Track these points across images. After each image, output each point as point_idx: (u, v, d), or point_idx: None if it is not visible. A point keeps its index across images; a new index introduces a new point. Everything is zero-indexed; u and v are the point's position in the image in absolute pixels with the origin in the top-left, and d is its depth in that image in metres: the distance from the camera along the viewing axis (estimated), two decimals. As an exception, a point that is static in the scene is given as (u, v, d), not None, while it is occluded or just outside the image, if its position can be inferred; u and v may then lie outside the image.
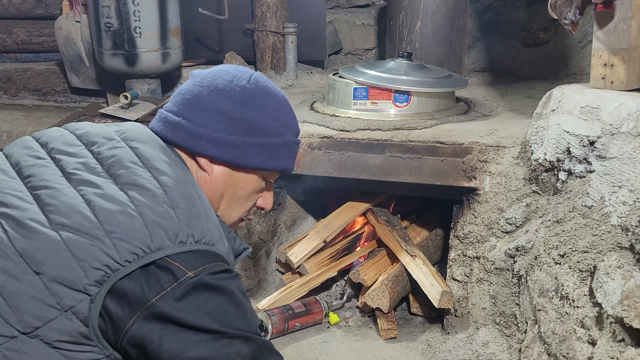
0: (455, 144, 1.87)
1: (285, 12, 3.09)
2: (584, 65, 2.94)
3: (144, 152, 1.03)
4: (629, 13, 1.48)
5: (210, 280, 0.94)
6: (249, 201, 1.19)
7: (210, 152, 1.10)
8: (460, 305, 1.84)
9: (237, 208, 1.18)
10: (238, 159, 1.12)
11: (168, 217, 0.94)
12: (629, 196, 1.35)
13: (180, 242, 0.94)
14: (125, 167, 0.99)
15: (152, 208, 0.94)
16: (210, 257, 0.97)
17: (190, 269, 0.93)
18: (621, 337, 1.30)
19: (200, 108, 1.10)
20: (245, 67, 1.19)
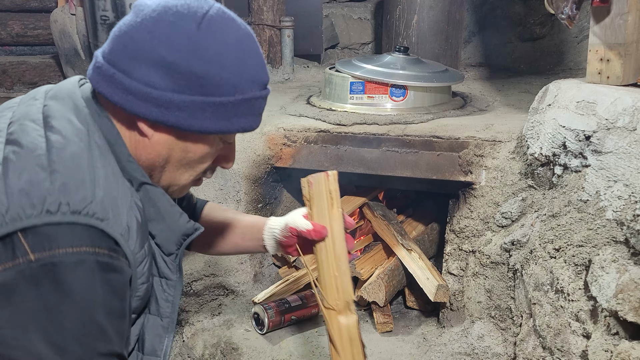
0: (452, 138, 1.87)
1: (282, 5, 3.08)
2: (580, 60, 2.95)
3: (51, 109, 0.89)
4: (625, 8, 1.48)
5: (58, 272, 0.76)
6: (203, 163, 0.99)
7: (149, 115, 0.89)
8: (455, 299, 1.85)
9: (187, 172, 0.98)
10: (185, 122, 0.90)
11: (38, 181, 0.78)
12: (624, 190, 1.35)
13: (47, 211, 0.77)
14: (21, 124, 0.86)
15: (20, 170, 0.79)
16: (90, 237, 0.79)
17: (37, 250, 0.76)
18: (615, 331, 1.30)
19: (139, 57, 0.87)
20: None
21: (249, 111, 0.96)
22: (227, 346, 1.83)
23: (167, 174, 0.97)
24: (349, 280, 1.15)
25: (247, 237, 1.28)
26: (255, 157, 2.09)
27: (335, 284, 1.13)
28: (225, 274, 2.06)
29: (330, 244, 1.14)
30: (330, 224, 1.13)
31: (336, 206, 1.13)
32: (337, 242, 1.14)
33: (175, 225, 0.95)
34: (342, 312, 1.14)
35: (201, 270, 2.00)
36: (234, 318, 1.95)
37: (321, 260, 1.15)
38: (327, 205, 1.13)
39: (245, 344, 1.83)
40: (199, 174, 1.00)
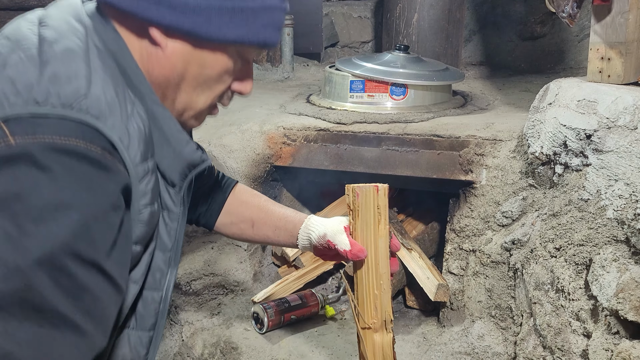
0: (452, 137, 1.86)
1: (282, 4, 3.07)
2: (581, 59, 2.94)
3: (48, 12, 0.83)
4: (626, 6, 1.48)
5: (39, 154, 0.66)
6: (220, 84, 0.91)
7: (163, 19, 0.80)
8: (456, 299, 1.85)
9: (204, 92, 0.90)
10: (203, 29, 0.82)
11: (25, 70, 0.71)
12: (625, 189, 1.35)
13: (33, 101, 0.68)
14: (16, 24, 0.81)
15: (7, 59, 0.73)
16: (82, 132, 0.69)
17: (19, 134, 0.66)
18: (616, 330, 1.30)
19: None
20: None
21: (269, 21, 0.89)
22: (227, 345, 1.83)
23: (183, 95, 0.89)
24: (389, 299, 1.10)
25: (280, 231, 1.20)
26: (255, 156, 2.09)
27: (374, 303, 1.09)
28: (225, 273, 2.05)
29: (373, 262, 1.08)
30: (375, 242, 1.08)
31: (384, 223, 1.08)
32: (381, 261, 1.09)
33: (181, 152, 0.87)
34: (378, 330, 1.11)
35: (200, 270, 2.00)
36: (234, 317, 1.94)
37: (361, 277, 1.10)
38: (373, 221, 1.07)
39: (244, 343, 1.83)
40: (216, 98, 0.92)
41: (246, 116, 2.22)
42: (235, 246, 2.07)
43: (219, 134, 2.13)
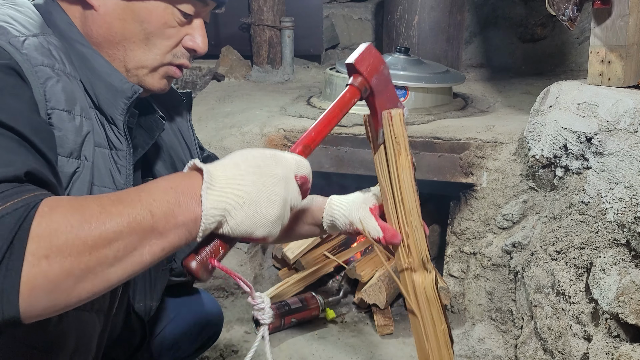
0: (453, 139, 1.86)
1: (282, 6, 3.07)
2: (581, 61, 2.94)
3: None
4: (626, 10, 1.48)
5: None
6: (166, 39, 0.94)
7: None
8: (456, 302, 1.85)
9: (150, 49, 0.93)
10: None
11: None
12: (625, 193, 1.35)
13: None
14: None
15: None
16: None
17: None
18: (616, 333, 1.30)
19: None
20: None
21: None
22: (227, 348, 1.83)
23: (129, 53, 0.93)
24: (422, 236, 1.00)
25: (301, 220, 1.18)
26: (256, 158, 2.08)
27: (407, 242, 0.99)
28: (225, 276, 2.06)
29: (398, 198, 0.98)
30: (397, 175, 0.97)
31: (404, 153, 0.97)
32: (406, 196, 0.98)
33: (111, 84, 0.90)
34: (416, 270, 1.00)
35: (201, 272, 2.00)
36: (234, 320, 1.94)
37: (388, 216, 1.01)
38: (393, 151, 0.97)
39: (245, 346, 1.83)
40: (167, 55, 0.95)
41: (247, 118, 2.22)
42: (235, 248, 2.08)
43: (219, 137, 2.13)
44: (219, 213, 0.70)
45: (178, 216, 0.67)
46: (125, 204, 0.65)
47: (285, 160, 0.77)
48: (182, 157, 1.11)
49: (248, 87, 2.86)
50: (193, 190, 0.69)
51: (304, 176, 0.79)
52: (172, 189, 0.69)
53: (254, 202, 0.72)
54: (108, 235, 0.63)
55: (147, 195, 0.67)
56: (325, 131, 0.90)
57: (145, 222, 0.65)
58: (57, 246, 0.60)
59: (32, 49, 0.81)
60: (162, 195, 0.68)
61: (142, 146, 1.01)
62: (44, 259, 0.59)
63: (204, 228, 0.69)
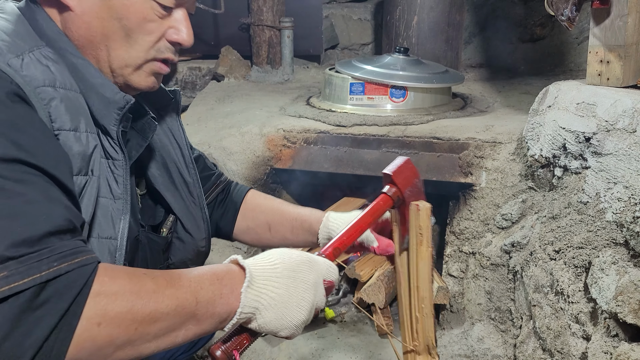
0: (452, 139, 1.87)
1: (282, 6, 3.08)
2: (580, 61, 2.95)
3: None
4: (625, 10, 1.48)
5: None
6: (147, 34, 0.91)
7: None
8: (455, 301, 1.85)
9: (132, 46, 0.91)
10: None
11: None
12: (624, 192, 1.35)
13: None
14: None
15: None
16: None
17: None
18: (615, 332, 1.30)
19: None
20: None
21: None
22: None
23: (112, 53, 0.91)
24: (431, 323, 1.05)
25: (298, 231, 1.21)
26: (255, 158, 2.09)
27: (416, 326, 1.06)
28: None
29: (414, 284, 1.04)
30: (417, 263, 1.03)
31: (426, 244, 1.03)
32: (422, 284, 1.04)
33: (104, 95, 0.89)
34: (421, 354, 1.06)
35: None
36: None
37: (401, 298, 1.07)
38: (415, 242, 1.03)
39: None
40: (151, 51, 0.93)
41: (246, 118, 2.23)
42: (235, 248, 2.08)
43: (219, 137, 2.13)
44: (252, 311, 0.77)
45: (217, 307, 0.74)
46: (177, 287, 0.72)
47: (317, 266, 0.85)
48: (173, 158, 1.11)
49: (248, 87, 2.87)
50: (234, 286, 0.76)
51: (331, 282, 0.87)
52: (218, 281, 0.76)
53: (285, 305, 0.79)
54: (157, 314, 0.69)
55: (197, 283, 0.74)
56: (356, 236, 0.99)
57: (189, 308, 0.72)
58: (111, 316, 0.66)
59: (32, 69, 0.81)
60: (209, 285, 0.75)
61: (135, 149, 1.01)
62: (96, 326, 0.65)
63: (235, 322, 0.77)
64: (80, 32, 0.89)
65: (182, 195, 1.08)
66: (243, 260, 0.79)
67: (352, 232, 0.98)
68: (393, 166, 1.04)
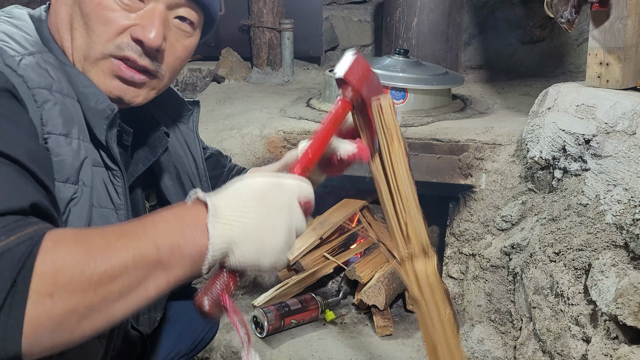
0: (452, 141, 1.87)
1: (282, 8, 3.08)
2: (580, 62, 2.95)
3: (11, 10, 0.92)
4: (624, 12, 1.48)
5: None
6: (103, 24, 0.85)
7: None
8: (455, 303, 1.85)
9: (89, 36, 0.85)
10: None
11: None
12: (624, 195, 1.35)
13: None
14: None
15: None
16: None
17: None
18: (615, 335, 1.30)
19: None
20: None
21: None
22: (227, 350, 1.83)
23: (74, 43, 0.86)
24: (420, 222, 0.98)
25: None
26: (255, 159, 2.09)
27: (406, 230, 0.98)
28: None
29: (394, 187, 0.96)
30: (391, 163, 0.95)
31: (396, 141, 0.95)
32: (402, 183, 0.96)
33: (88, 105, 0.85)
34: (417, 257, 0.98)
35: (201, 274, 2.00)
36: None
37: (383, 204, 0.98)
38: (385, 141, 0.94)
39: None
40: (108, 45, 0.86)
41: (246, 120, 2.23)
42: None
43: (219, 138, 2.14)
44: (225, 243, 0.69)
45: (183, 248, 0.66)
46: (130, 237, 0.64)
47: (288, 187, 0.76)
48: (187, 170, 1.08)
49: (248, 89, 2.87)
50: (198, 221, 0.68)
51: (307, 200, 0.79)
52: (177, 221, 0.67)
53: (260, 231, 0.71)
54: (113, 271, 0.61)
55: (152, 228, 0.66)
56: (321, 149, 0.89)
57: (150, 256, 0.64)
58: (62, 284, 0.58)
59: (29, 70, 0.79)
60: (167, 227, 0.66)
61: (143, 162, 0.98)
62: (48, 297, 0.57)
63: (210, 259, 0.68)
64: (52, 21, 0.88)
65: None
66: (203, 194, 0.71)
67: (317, 144, 0.88)
68: (343, 66, 0.91)
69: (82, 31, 0.86)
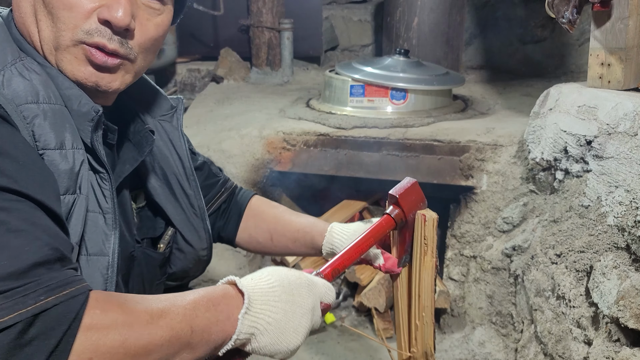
0: (453, 142, 1.86)
1: (281, 8, 3.07)
2: (581, 63, 2.94)
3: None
4: (626, 12, 1.47)
5: None
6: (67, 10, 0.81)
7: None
8: (456, 305, 1.84)
9: (55, 25, 0.81)
10: None
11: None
12: (625, 196, 1.34)
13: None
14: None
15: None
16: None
17: None
18: (617, 337, 1.29)
19: None
20: None
21: None
22: (226, 352, 1.82)
23: (41, 34, 0.83)
24: (431, 332, 1.04)
25: (300, 243, 1.20)
26: (254, 161, 2.08)
27: (415, 333, 1.05)
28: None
29: (416, 293, 1.04)
30: (420, 272, 1.03)
31: (430, 254, 1.02)
32: (424, 293, 1.03)
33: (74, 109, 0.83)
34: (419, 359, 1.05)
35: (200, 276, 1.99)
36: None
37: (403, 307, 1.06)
38: (420, 251, 1.02)
39: (244, 349, 1.82)
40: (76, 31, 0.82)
41: (246, 121, 2.22)
42: (234, 252, 2.07)
43: (218, 139, 2.13)
44: (248, 334, 0.74)
45: (212, 334, 0.71)
46: (172, 316, 0.69)
47: (316, 289, 0.82)
48: (174, 169, 1.07)
49: (247, 89, 2.86)
50: (231, 311, 0.73)
51: (328, 304, 0.85)
52: (214, 307, 0.73)
53: (281, 330, 0.77)
54: (151, 347, 0.66)
55: (192, 311, 0.71)
56: (356, 257, 0.97)
57: (184, 337, 0.69)
58: (103, 351, 0.62)
59: (14, 85, 0.77)
60: (204, 312, 0.72)
61: (130, 162, 0.96)
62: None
63: (230, 347, 0.73)
64: (16, 14, 0.85)
65: (182, 207, 1.06)
66: (240, 283, 0.76)
67: (353, 253, 0.96)
68: (400, 188, 1.02)
69: (47, 21, 0.82)
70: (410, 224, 1.02)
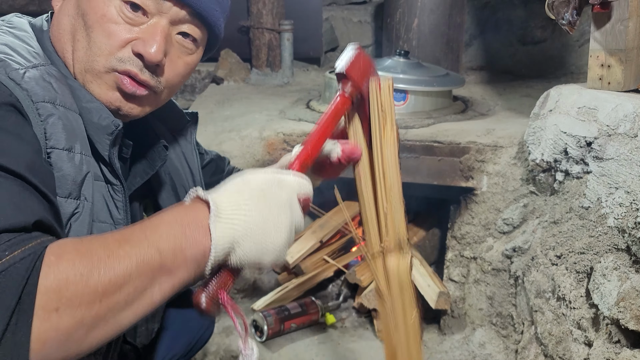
0: (453, 143, 1.86)
1: (281, 9, 3.07)
2: (581, 64, 2.94)
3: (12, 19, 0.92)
4: (626, 14, 1.47)
5: None
6: (105, 37, 0.84)
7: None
8: (457, 306, 1.84)
9: (91, 48, 0.84)
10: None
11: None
12: (626, 198, 1.34)
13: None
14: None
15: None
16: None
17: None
18: (617, 339, 1.29)
19: None
20: None
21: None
22: (226, 354, 1.82)
23: (75, 55, 0.85)
24: (401, 215, 0.91)
25: None
26: (255, 162, 2.08)
27: (385, 221, 0.91)
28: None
29: (380, 172, 0.90)
30: (381, 147, 0.89)
31: (390, 125, 0.88)
32: (389, 170, 0.90)
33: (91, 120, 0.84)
34: (391, 252, 0.91)
35: (200, 277, 2.00)
36: (233, 325, 1.94)
37: (365, 191, 0.92)
38: (378, 122, 0.88)
39: (244, 351, 1.82)
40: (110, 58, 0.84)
41: (246, 122, 2.22)
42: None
43: (218, 140, 2.13)
44: (228, 242, 0.68)
45: (186, 250, 0.65)
46: (132, 243, 0.63)
47: (288, 183, 0.75)
48: (184, 183, 1.07)
49: (247, 91, 2.86)
50: (199, 222, 0.67)
51: (306, 197, 0.78)
52: (178, 222, 0.67)
53: (262, 229, 0.70)
54: (118, 280, 0.61)
55: (153, 232, 0.65)
56: (320, 144, 0.87)
57: (153, 261, 0.63)
58: (67, 297, 0.58)
59: (33, 83, 0.78)
60: (168, 230, 0.66)
61: (141, 176, 0.97)
62: (54, 312, 0.57)
63: (213, 260, 0.67)
64: (54, 31, 0.87)
65: None
66: (203, 193, 0.69)
67: (315, 140, 0.85)
68: (345, 61, 0.89)
69: (84, 43, 0.85)
70: (366, 96, 0.90)
